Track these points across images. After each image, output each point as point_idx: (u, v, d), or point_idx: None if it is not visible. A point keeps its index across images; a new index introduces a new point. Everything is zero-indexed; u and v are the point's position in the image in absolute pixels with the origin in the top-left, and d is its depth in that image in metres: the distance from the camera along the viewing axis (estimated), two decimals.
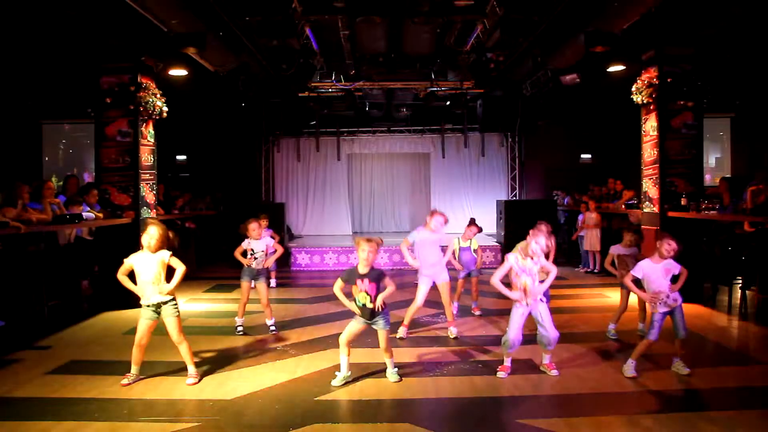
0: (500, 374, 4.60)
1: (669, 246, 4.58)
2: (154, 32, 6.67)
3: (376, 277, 4.40)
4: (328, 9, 7.28)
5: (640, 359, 4.64)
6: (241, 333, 5.98)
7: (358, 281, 4.41)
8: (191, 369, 4.52)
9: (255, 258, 5.98)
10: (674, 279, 4.63)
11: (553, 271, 4.66)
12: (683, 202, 7.44)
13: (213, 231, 11.93)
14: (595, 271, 10.16)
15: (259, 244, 6.02)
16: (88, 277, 7.39)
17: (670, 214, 7.55)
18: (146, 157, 7.79)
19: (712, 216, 7.08)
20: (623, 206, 10.18)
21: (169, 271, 4.52)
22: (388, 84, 11.46)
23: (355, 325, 4.47)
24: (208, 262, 11.51)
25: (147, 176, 7.84)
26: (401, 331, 5.84)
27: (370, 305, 4.38)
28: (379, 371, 4.66)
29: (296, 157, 14.85)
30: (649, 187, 7.94)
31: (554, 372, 4.62)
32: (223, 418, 3.79)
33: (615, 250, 5.83)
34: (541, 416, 3.80)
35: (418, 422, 3.70)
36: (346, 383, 4.42)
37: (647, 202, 8.02)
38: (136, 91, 7.44)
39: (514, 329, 4.57)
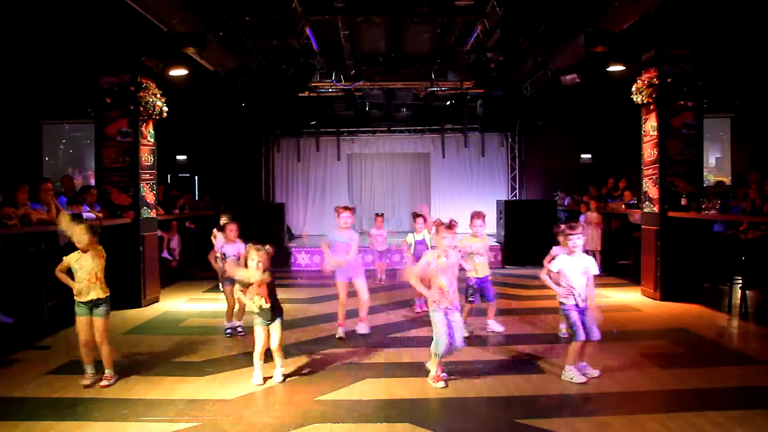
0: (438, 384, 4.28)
1: (572, 242, 4.42)
2: (154, 32, 6.66)
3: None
4: (328, 9, 7.27)
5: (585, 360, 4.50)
6: (228, 335, 5.93)
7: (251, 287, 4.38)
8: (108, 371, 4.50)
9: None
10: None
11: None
12: (683, 202, 7.44)
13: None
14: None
15: (231, 248, 5.99)
16: None
17: (670, 214, 7.55)
18: (146, 157, 7.79)
19: (712, 216, 7.08)
20: (623, 206, 10.18)
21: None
22: (388, 84, 11.46)
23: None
24: (208, 262, 11.47)
25: (147, 176, 7.84)
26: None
27: (266, 306, 4.40)
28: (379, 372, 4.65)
29: (296, 157, 14.84)
30: (649, 187, 7.94)
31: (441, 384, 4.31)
32: (223, 418, 3.79)
33: (557, 251, 5.27)
34: (541, 416, 3.80)
35: (418, 422, 3.70)
36: (347, 384, 4.41)
37: (647, 202, 8.01)
38: (136, 91, 7.44)
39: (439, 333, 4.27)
